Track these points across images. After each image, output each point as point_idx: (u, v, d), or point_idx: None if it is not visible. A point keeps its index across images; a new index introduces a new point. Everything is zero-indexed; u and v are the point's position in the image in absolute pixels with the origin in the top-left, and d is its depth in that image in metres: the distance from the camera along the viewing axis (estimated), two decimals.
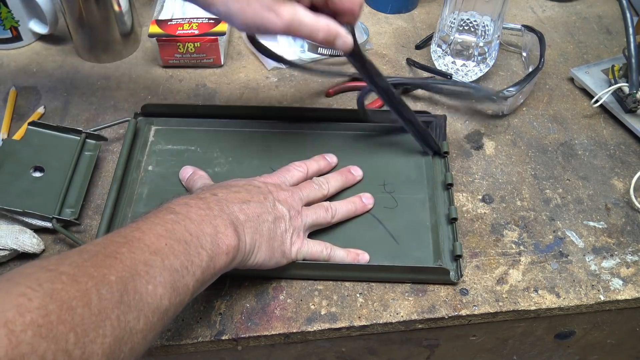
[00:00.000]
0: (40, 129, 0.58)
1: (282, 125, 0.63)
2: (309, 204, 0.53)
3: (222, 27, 0.70)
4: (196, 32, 0.69)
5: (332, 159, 0.59)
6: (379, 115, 0.63)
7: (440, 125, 0.62)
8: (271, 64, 0.73)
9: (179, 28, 0.70)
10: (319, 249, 0.51)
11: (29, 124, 0.59)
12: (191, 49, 0.70)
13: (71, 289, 0.32)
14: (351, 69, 0.73)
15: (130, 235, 0.38)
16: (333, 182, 0.56)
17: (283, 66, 0.73)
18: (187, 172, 0.57)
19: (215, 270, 0.41)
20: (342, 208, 0.55)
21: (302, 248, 0.50)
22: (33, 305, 0.29)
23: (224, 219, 0.43)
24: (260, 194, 0.49)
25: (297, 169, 0.56)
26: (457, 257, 0.52)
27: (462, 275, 0.52)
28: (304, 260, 0.51)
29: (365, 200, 0.56)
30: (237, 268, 0.45)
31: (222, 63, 0.73)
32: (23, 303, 0.29)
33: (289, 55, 0.74)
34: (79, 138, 0.59)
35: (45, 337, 0.29)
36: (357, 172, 0.59)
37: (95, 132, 0.60)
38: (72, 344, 0.30)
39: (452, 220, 0.55)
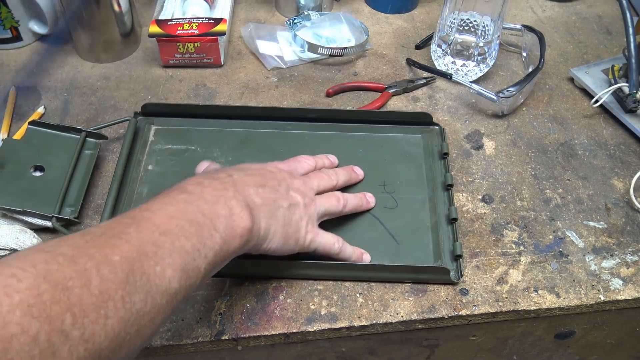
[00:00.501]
0: (41, 129, 0.59)
1: (282, 125, 0.63)
2: (319, 193, 0.53)
3: (222, 27, 0.70)
4: (196, 32, 0.69)
5: (333, 159, 0.60)
6: None
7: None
8: (271, 63, 0.73)
9: (179, 28, 0.70)
10: (331, 240, 0.51)
11: (29, 123, 0.59)
12: (191, 49, 0.70)
13: (67, 269, 0.30)
14: (352, 69, 0.74)
15: (139, 216, 0.37)
16: (341, 174, 0.56)
17: (283, 66, 0.73)
18: (203, 166, 0.56)
19: (228, 253, 0.40)
20: (352, 200, 0.54)
21: (315, 238, 0.50)
22: (22, 286, 0.28)
23: (239, 200, 0.42)
24: (274, 179, 0.48)
25: (306, 161, 0.56)
26: (457, 257, 0.52)
27: (462, 275, 0.52)
28: (315, 251, 0.50)
29: (368, 197, 0.57)
30: (251, 252, 0.45)
31: (222, 63, 0.73)
32: (11, 284, 0.28)
33: (289, 55, 0.74)
34: (79, 137, 0.59)
35: (38, 317, 0.28)
36: (359, 172, 0.59)
37: (95, 131, 0.60)
38: (69, 325, 0.29)
39: (452, 221, 0.55)
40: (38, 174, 0.56)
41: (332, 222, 0.55)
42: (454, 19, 0.69)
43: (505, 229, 0.57)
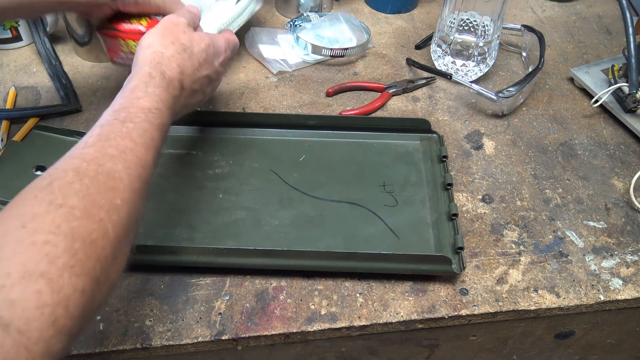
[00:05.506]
0: (45, 132, 0.59)
1: (282, 132, 0.63)
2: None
3: None
4: (143, 29, 0.55)
5: None
6: None
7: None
8: (277, 67, 0.72)
9: (126, 21, 0.56)
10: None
11: (34, 127, 0.59)
12: (134, 49, 0.55)
13: (87, 223, 0.34)
14: (352, 69, 0.74)
15: (123, 146, 0.39)
16: None
17: (289, 69, 0.73)
18: None
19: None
20: None
21: None
22: (60, 250, 0.31)
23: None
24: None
25: None
26: (458, 250, 0.52)
27: (464, 268, 0.51)
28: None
29: None
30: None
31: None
32: (51, 251, 0.31)
33: (293, 58, 0.74)
34: None
35: (80, 274, 0.32)
36: None
37: None
38: (99, 273, 0.33)
39: (453, 217, 0.55)
40: (39, 173, 0.56)
41: (331, 220, 0.55)
42: (454, 19, 0.69)
43: (505, 228, 0.57)
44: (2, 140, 0.62)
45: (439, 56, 0.72)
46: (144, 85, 0.45)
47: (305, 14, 0.78)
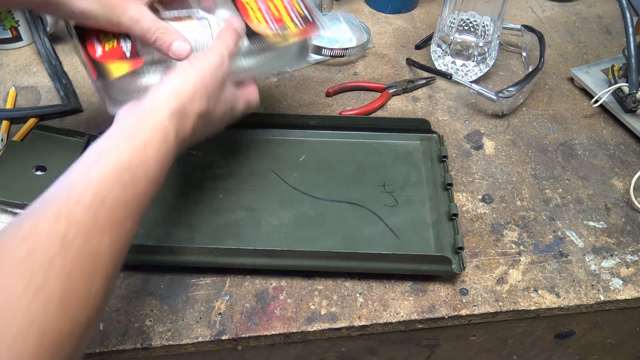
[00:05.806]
0: (45, 132, 0.59)
1: (283, 132, 0.63)
2: None
3: (119, 67, 0.48)
4: (99, 54, 0.49)
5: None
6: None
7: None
8: None
9: (101, 34, 0.50)
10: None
11: (34, 127, 0.59)
12: (87, 67, 0.50)
13: (60, 319, 0.31)
14: (352, 69, 0.74)
15: (116, 215, 0.36)
16: None
17: (289, 69, 0.73)
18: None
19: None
20: None
21: None
22: (28, 351, 0.29)
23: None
24: None
25: None
26: (458, 250, 0.52)
27: (464, 268, 0.51)
28: None
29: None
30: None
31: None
32: (18, 352, 0.29)
33: None
34: (82, 140, 0.59)
35: None
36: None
37: (99, 135, 0.60)
38: None
39: (453, 217, 0.55)
40: (39, 173, 0.56)
41: (331, 219, 0.55)
42: (454, 19, 0.69)
43: (505, 228, 0.57)
44: (2, 140, 0.62)
45: (439, 56, 0.72)
46: (158, 144, 0.40)
47: None
